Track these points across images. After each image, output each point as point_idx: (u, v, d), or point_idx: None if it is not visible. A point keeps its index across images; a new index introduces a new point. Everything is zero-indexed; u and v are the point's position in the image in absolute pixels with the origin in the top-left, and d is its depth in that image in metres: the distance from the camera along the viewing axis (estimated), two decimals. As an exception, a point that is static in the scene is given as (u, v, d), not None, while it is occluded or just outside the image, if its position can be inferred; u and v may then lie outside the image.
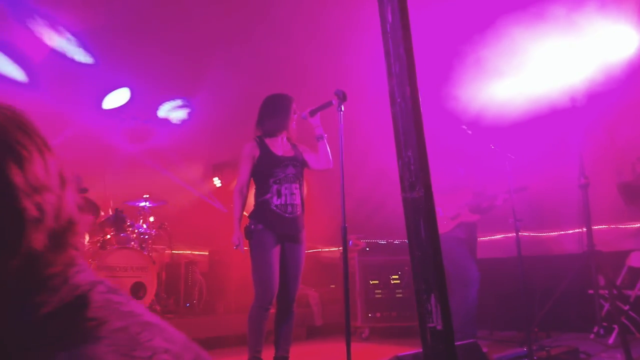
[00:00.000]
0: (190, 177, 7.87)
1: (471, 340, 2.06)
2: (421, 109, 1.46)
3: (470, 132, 4.33)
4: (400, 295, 5.86)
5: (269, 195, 3.39)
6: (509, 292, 5.16)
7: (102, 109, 6.66)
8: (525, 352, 3.20)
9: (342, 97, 2.92)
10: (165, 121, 7.20)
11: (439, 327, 1.25)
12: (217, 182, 8.44)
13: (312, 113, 3.41)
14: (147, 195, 5.74)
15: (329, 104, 3.06)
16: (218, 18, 5.71)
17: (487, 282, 5.83)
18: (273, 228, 3.36)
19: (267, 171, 3.43)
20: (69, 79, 6.04)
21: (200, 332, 5.21)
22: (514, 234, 3.85)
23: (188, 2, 5.52)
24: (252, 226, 3.38)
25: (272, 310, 3.47)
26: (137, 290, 4.95)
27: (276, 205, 3.38)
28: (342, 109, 2.95)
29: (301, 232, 3.49)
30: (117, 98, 6.64)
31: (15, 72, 5.75)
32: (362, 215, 7.00)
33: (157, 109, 7.10)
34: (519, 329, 5.19)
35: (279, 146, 3.54)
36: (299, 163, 3.55)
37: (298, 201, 3.46)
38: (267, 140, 3.53)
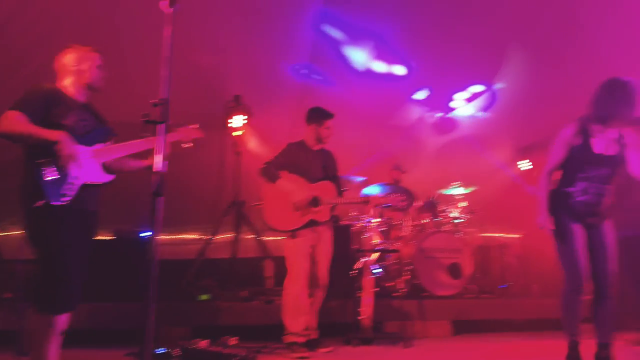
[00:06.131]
0: (498, 161, 7.97)
1: None
2: None
3: None
4: None
5: (573, 189, 3.28)
6: None
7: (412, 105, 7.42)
8: None
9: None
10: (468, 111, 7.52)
11: None
12: (525, 164, 8.29)
13: None
14: (458, 183, 6.14)
15: None
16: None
17: None
18: (575, 215, 3.27)
19: (578, 165, 3.27)
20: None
21: (516, 314, 5.35)
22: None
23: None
24: (552, 212, 3.32)
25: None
26: (454, 271, 5.40)
27: (579, 201, 3.26)
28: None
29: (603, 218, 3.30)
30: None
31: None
32: None
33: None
34: None
35: (602, 140, 3.24)
36: (618, 163, 3.26)
37: (605, 203, 3.26)
38: (592, 128, 3.24)
